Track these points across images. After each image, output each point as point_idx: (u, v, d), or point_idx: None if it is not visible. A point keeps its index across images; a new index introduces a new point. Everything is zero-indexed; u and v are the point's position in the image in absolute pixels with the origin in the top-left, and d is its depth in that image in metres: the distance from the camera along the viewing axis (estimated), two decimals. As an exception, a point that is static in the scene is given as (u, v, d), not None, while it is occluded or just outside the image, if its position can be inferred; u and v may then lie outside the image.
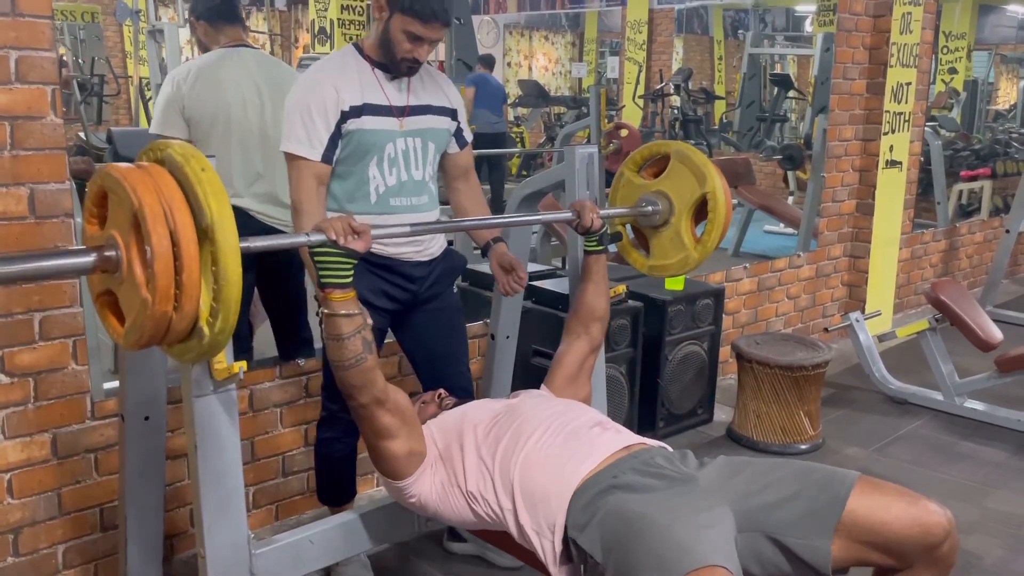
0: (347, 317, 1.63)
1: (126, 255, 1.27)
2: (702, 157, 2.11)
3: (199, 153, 1.32)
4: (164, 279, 1.23)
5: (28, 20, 1.94)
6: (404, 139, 2.09)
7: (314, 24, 7.03)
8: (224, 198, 1.29)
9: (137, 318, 1.27)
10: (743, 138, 9.20)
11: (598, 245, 2.12)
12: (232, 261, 1.27)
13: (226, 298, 1.27)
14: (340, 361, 1.65)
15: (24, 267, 1.28)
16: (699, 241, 2.13)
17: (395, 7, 1.97)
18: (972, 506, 2.85)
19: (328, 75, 2.02)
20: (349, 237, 1.61)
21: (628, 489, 1.60)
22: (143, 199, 1.23)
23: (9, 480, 2.11)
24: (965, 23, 10.22)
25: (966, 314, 3.51)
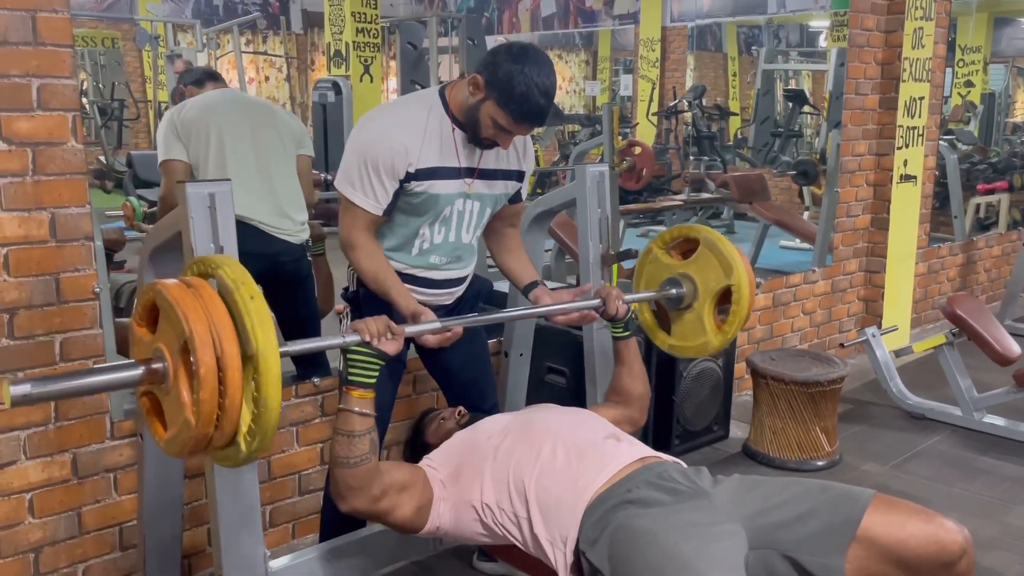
0: (361, 416, 1.65)
1: (173, 371, 1.32)
2: (731, 248, 2.09)
3: (249, 279, 1.36)
4: (208, 406, 1.28)
5: (50, 49, 1.99)
6: (463, 201, 2.04)
7: (330, 47, 7.13)
8: (270, 326, 1.33)
9: (179, 434, 1.32)
10: (758, 154, 9.20)
11: (624, 331, 2.11)
12: (273, 390, 1.31)
13: (265, 422, 1.32)
14: (346, 458, 1.65)
15: (77, 383, 1.34)
16: (720, 328, 2.12)
17: (492, 95, 1.86)
18: (991, 522, 2.82)
19: (404, 131, 1.93)
20: (383, 338, 1.64)
21: (640, 504, 1.60)
22: (194, 328, 1.27)
23: (30, 500, 2.14)
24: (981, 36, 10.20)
25: (984, 328, 3.49)
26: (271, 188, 2.75)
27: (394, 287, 1.96)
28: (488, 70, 1.86)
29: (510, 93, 1.83)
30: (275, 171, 2.78)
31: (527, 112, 1.86)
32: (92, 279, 2.12)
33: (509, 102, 1.84)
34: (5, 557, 2.13)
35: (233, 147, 2.71)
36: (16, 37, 1.94)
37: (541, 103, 1.85)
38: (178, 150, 2.71)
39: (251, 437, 1.33)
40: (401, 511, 1.74)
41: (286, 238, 2.77)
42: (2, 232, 1.98)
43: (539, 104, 1.85)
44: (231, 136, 2.71)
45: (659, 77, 10.07)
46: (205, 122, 2.71)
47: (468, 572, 2.53)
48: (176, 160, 2.71)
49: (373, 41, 6.92)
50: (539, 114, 1.87)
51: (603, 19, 10.50)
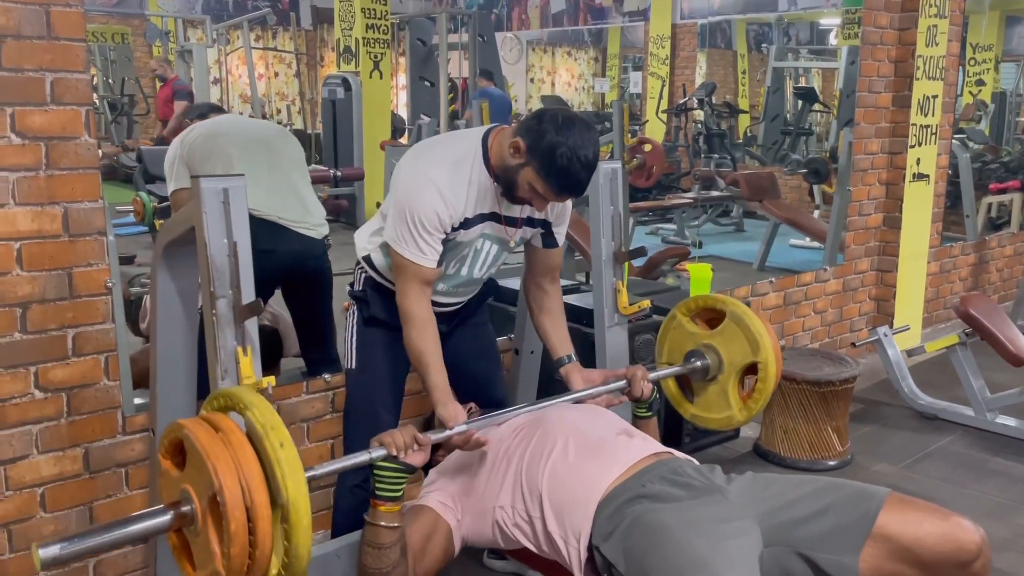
0: (389, 529, 1.66)
1: (201, 516, 1.31)
2: (758, 324, 2.05)
3: (279, 423, 1.34)
4: (238, 561, 1.28)
5: (63, 43, 1.99)
6: (483, 241, 2.02)
7: (339, 43, 7.12)
8: (300, 475, 1.31)
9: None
10: (767, 152, 9.16)
11: (648, 412, 2.11)
12: (304, 539, 1.31)
13: (295, 570, 1.32)
14: (376, 569, 1.66)
15: (108, 538, 1.33)
16: (745, 404, 2.10)
17: (533, 163, 1.82)
18: (1004, 524, 2.80)
19: (452, 192, 1.89)
20: (409, 451, 1.64)
21: (654, 499, 1.60)
22: (224, 481, 1.26)
23: (42, 494, 2.15)
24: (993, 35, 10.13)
25: (996, 328, 3.46)
26: (290, 184, 2.75)
27: (433, 376, 1.91)
28: (531, 137, 1.81)
29: (551, 165, 1.79)
30: (291, 171, 2.78)
31: (568, 186, 1.83)
32: (105, 274, 2.12)
33: (550, 174, 1.81)
34: (17, 551, 2.13)
35: (245, 155, 2.69)
36: (30, 31, 1.94)
37: (583, 177, 1.82)
38: (185, 179, 2.67)
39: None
40: (432, 564, 1.77)
41: (308, 233, 2.77)
42: (15, 226, 1.99)
43: (580, 178, 1.82)
44: (242, 147, 2.71)
45: (669, 74, 10.03)
46: (208, 144, 2.70)
47: (479, 569, 2.52)
48: (183, 190, 2.70)
49: (383, 37, 6.90)
50: (579, 187, 1.84)
51: (613, 16, 10.47)
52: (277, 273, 2.69)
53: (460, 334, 2.23)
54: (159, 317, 1.89)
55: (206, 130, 2.75)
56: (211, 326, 1.64)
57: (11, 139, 1.95)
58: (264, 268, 1.69)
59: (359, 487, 2.21)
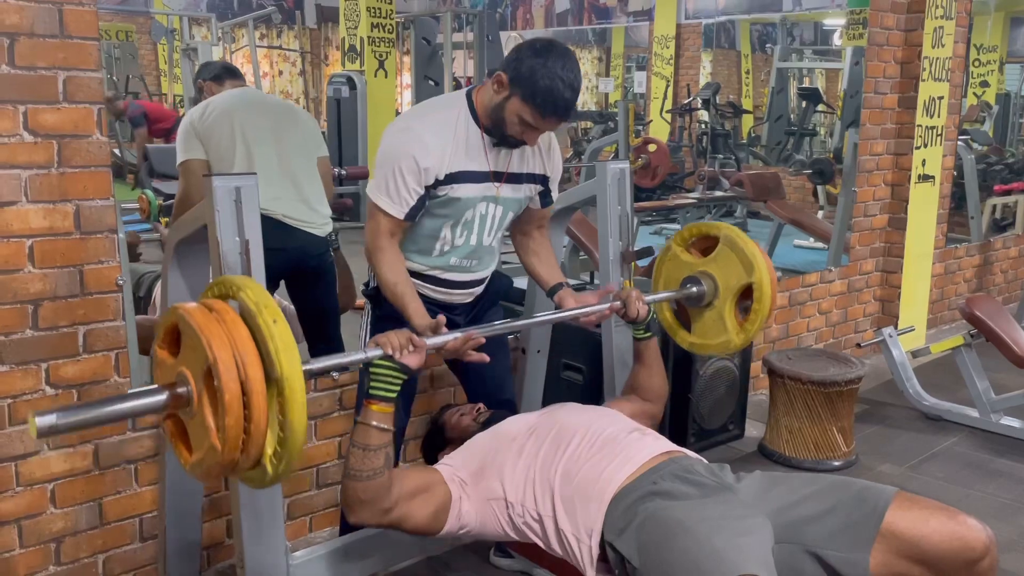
0: (379, 430, 1.65)
1: (197, 396, 1.32)
2: (751, 246, 2.08)
3: (271, 302, 1.35)
4: (234, 432, 1.28)
5: (76, 41, 2.00)
6: (487, 204, 2.03)
7: (344, 42, 7.13)
8: (294, 349, 1.32)
9: (205, 459, 1.33)
10: (771, 152, 9.17)
11: (646, 332, 2.11)
12: (299, 413, 1.31)
13: (291, 445, 1.32)
14: (359, 471, 1.65)
15: (103, 412, 1.33)
16: (742, 327, 2.11)
17: (516, 92, 1.85)
18: (1008, 524, 2.80)
19: (432, 137, 1.92)
20: (405, 351, 1.64)
21: (667, 496, 1.61)
22: (218, 355, 1.27)
23: (52, 490, 2.16)
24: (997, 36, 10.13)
25: (1001, 329, 3.47)
26: (295, 182, 2.77)
27: (411, 303, 1.94)
28: (511, 67, 1.86)
29: (535, 88, 1.83)
30: (298, 166, 2.79)
31: (553, 106, 1.85)
32: (116, 271, 2.13)
33: (534, 96, 1.84)
34: (27, 546, 2.14)
35: (255, 144, 2.72)
36: (43, 29, 1.95)
37: (567, 96, 1.84)
38: (197, 150, 2.71)
39: (277, 460, 1.34)
40: (414, 520, 1.73)
41: (310, 231, 2.79)
42: (27, 223, 2.00)
43: (564, 97, 1.84)
44: (253, 134, 2.72)
45: (673, 74, 10.04)
46: (227, 122, 2.71)
47: (485, 567, 2.53)
48: (195, 159, 2.72)
49: (388, 36, 6.91)
50: (565, 107, 1.86)
51: (617, 16, 10.48)
52: (281, 269, 2.71)
53: None
54: (170, 314, 1.90)
55: (222, 111, 2.74)
56: (223, 323, 1.65)
57: (24, 137, 1.96)
58: (268, 265, 1.71)
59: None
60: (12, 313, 2.01)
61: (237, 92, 2.88)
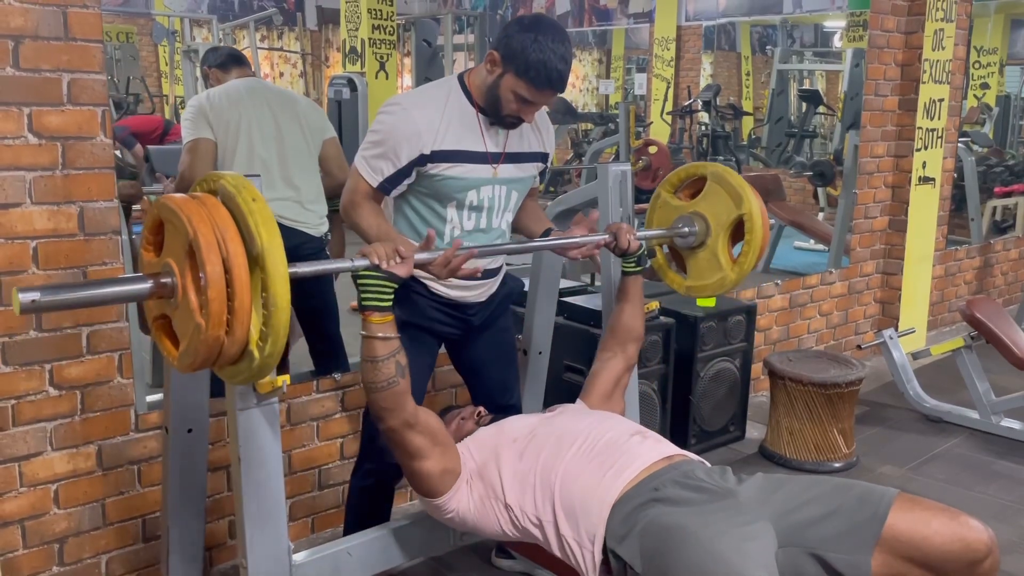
0: (383, 340, 1.68)
1: (181, 282, 1.33)
2: (738, 179, 2.11)
3: (250, 184, 1.38)
4: (217, 305, 1.29)
5: (80, 44, 2.01)
6: (492, 187, 2.03)
7: (345, 44, 7.14)
8: (273, 226, 1.35)
9: (191, 342, 1.33)
10: (772, 154, 9.17)
11: (636, 266, 2.12)
12: (281, 288, 1.33)
13: (275, 323, 1.33)
14: (373, 382, 1.69)
15: (85, 294, 1.35)
16: (736, 262, 2.13)
17: (510, 68, 1.86)
18: (1009, 526, 2.81)
19: (423, 113, 1.93)
20: (392, 261, 1.65)
21: (669, 502, 1.61)
22: (198, 228, 1.29)
23: (56, 490, 2.17)
24: (997, 38, 10.14)
25: (1002, 331, 3.48)
26: (293, 184, 2.78)
27: (397, 234, 1.96)
28: (503, 44, 1.88)
29: (527, 62, 1.84)
30: (297, 166, 2.80)
31: (546, 78, 1.86)
32: (119, 272, 2.14)
33: (528, 70, 1.85)
34: (31, 547, 2.15)
35: (259, 142, 2.73)
36: (47, 32, 1.96)
37: (560, 67, 1.85)
38: (207, 131, 2.70)
39: (263, 342, 1.34)
40: (428, 462, 1.78)
41: (306, 231, 2.80)
42: (32, 225, 2.00)
43: (558, 69, 1.85)
44: (258, 131, 2.73)
45: (674, 76, 10.04)
46: (234, 114, 2.72)
47: (487, 568, 2.54)
48: (204, 139, 2.70)
49: (389, 38, 6.91)
50: (559, 78, 1.87)
51: (618, 18, 10.48)
52: None
53: (484, 338, 2.22)
54: (174, 315, 1.91)
55: (231, 100, 2.75)
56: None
57: (28, 139, 1.97)
58: None
59: (370, 489, 2.24)
60: (16, 315, 2.01)
61: (244, 83, 2.85)
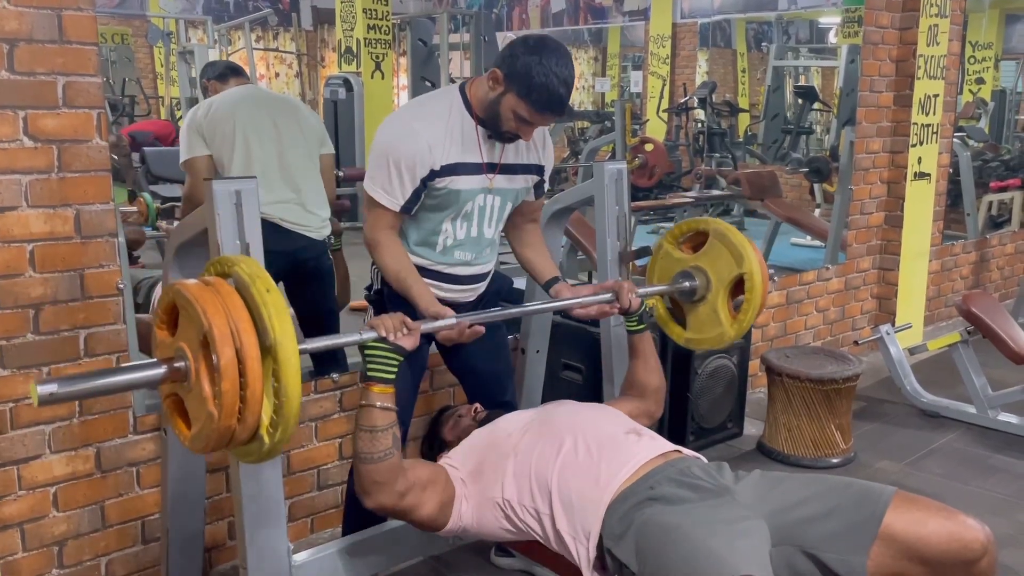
0: (383, 410, 1.67)
1: (194, 368, 1.34)
2: (740, 237, 2.10)
3: (264, 273, 1.38)
4: (230, 397, 1.30)
5: (75, 47, 2.01)
6: (484, 196, 2.05)
7: (340, 44, 7.13)
8: (286, 317, 1.35)
9: (203, 428, 1.34)
10: (768, 150, 9.17)
11: (639, 324, 2.12)
12: (293, 379, 1.33)
13: (286, 412, 1.34)
14: (369, 453, 1.67)
15: (102, 383, 1.37)
16: (735, 318, 2.13)
17: (511, 88, 1.87)
18: (1006, 520, 2.82)
19: (426, 128, 1.94)
20: (399, 334, 1.66)
21: (665, 501, 1.61)
22: (212, 321, 1.29)
23: (55, 493, 2.17)
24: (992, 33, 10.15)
25: (998, 326, 3.48)
26: (295, 186, 2.77)
27: (415, 287, 1.97)
28: (507, 63, 1.88)
29: (530, 84, 1.85)
30: (298, 168, 2.80)
31: (548, 102, 1.87)
32: (116, 275, 2.14)
33: (530, 93, 1.86)
34: (30, 550, 2.15)
35: (257, 145, 2.73)
36: (42, 35, 1.96)
37: (561, 92, 1.86)
38: (200, 147, 2.73)
39: (273, 429, 1.35)
40: (425, 508, 1.76)
41: (308, 234, 2.80)
42: (28, 228, 2.00)
43: (559, 93, 1.86)
44: (255, 135, 2.73)
45: (669, 74, 10.05)
46: (229, 121, 2.72)
47: (486, 567, 2.54)
48: (199, 157, 2.73)
49: (384, 38, 6.91)
50: (560, 103, 1.88)
51: (613, 15, 10.48)
52: (278, 272, 2.72)
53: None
54: (171, 318, 1.91)
55: (225, 110, 2.75)
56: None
57: (24, 142, 1.97)
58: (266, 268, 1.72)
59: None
60: (13, 317, 2.02)
61: (240, 90, 2.87)
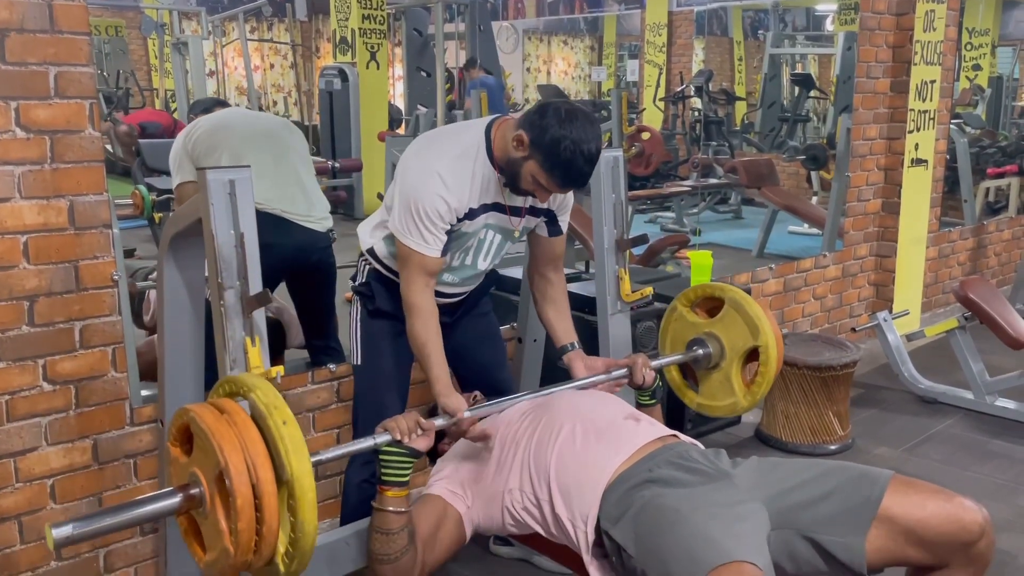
0: (397, 514, 1.67)
1: (210, 497, 1.34)
2: (757, 309, 2.08)
3: (281, 403, 1.36)
4: (246, 536, 1.30)
5: (67, 37, 1.99)
6: (486, 231, 2.04)
7: (335, 34, 7.10)
8: (304, 451, 1.33)
9: (218, 560, 1.34)
10: (765, 139, 9.16)
11: (651, 399, 2.11)
12: (310, 515, 1.32)
13: (303, 545, 1.33)
14: (385, 555, 1.67)
15: (119, 519, 1.36)
16: (749, 389, 2.12)
17: (535, 157, 1.84)
18: (1005, 505, 2.83)
19: (453, 180, 1.91)
20: (413, 435, 1.66)
21: (663, 483, 1.62)
22: (229, 459, 1.29)
23: (52, 485, 2.16)
24: (989, 19, 10.12)
25: (995, 312, 3.48)
26: (295, 179, 2.76)
27: (435, 367, 1.93)
28: (535, 131, 1.83)
29: (555, 159, 1.81)
30: (295, 162, 2.79)
31: (570, 179, 1.85)
32: (111, 266, 2.13)
33: (553, 168, 1.83)
34: (28, 542, 2.15)
35: (251, 149, 2.70)
36: (33, 25, 1.95)
37: (585, 170, 1.83)
38: (189, 173, 2.71)
39: (289, 560, 1.35)
40: (443, 556, 1.77)
41: (311, 226, 2.78)
42: (21, 220, 1.99)
43: (583, 172, 1.83)
44: (247, 141, 2.73)
45: (666, 62, 10.02)
46: (218, 135, 2.72)
47: (485, 556, 2.55)
48: (187, 183, 2.71)
49: (379, 28, 6.89)
50: (582, 180, 1.86)
51: (609, 4, 10.45)
52: (282, 266, 2.71)
53: (464, 323, 2.24)
54: (166, 308, 1.90)
55: (211, 125, 2.75)
56: (219, 317, 1.65)
57: (16, 133, 1.96)
58: (269, 261, 1.70)
59: (367, 482, 2.23)
60: (8, 310, 2.01)
61: (225, 111, 2.93)
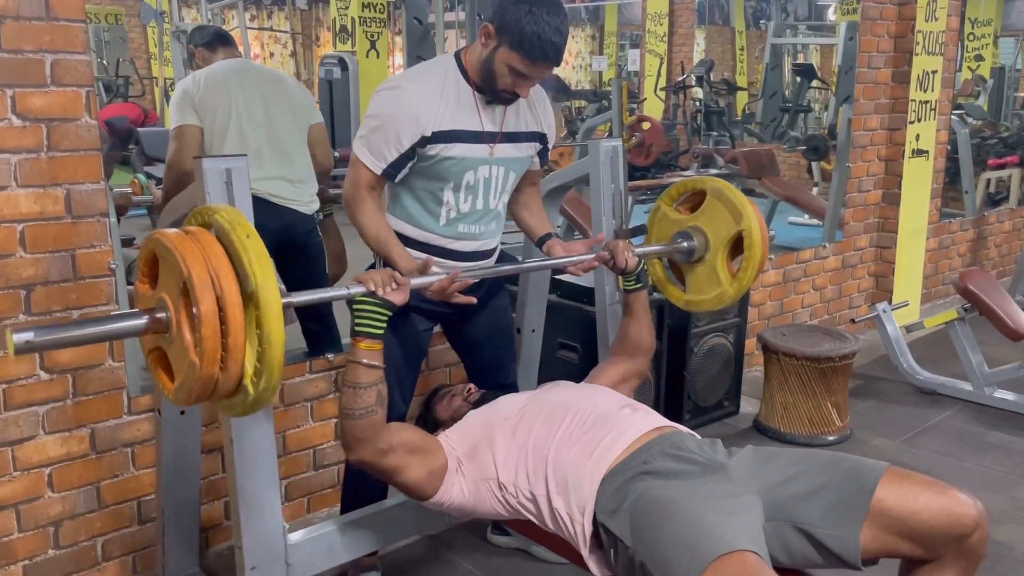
0: (368, 367, 1.66)
1: (175, 318, 1.32)
2: (738, 195, 2.09)
3: (244, 219, 1.36)
4: (211, 343, 1.28)
5: (63, 24, 1.98)
6: (488, 167, 2.01)
7: (335, 22, 7.07)
8: (268, 263, 1.33)
9: (186, 379, 1.33)
10: (766, 129, 9.13)
11: (636, 283, 2.11)
12: (275, 325, 1.32)
13: (270, 360, 1.32)
14: (352, 409, 1.66)
15: (80, 333, 1.36)
16: (735, 277, 2.12)
17: (504, 41, 1.84)
18: (1002, 496, 2.83)
19: (420, 94, 1.91)
20: (388, 288, 1.64)
21: (658, 475, 1.61)
22: (192, 268, 1.28)
23: (49, 474, 2.17)
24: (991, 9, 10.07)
25: (995, 303, 3.48)
26: (285, 162, 2.76)
27: (394, 248, 1.96)
28: (497, 16, 1.85)
29: (522, 34, 1.82)
30: (287, 143, 2.78)
31: (542, 50, 1.83)
32: (108, 255, 2.13)
33: (522, 43, 1.82)
34: (26, 531, 2.15)
35: (248, 122, 2.70)
36: (29, 12, 1.94)
37: (555, 40, 1.83)
38: (192, 117, 2.69)
39: (257, 378, 1.34)
40: (410, 473, 1.75)
41: (298, 208, 2.79)
42: (18, 208, 1.99)
43: (553, 41, 1.83)
44: (244, 114, 2.71)
45: (667, 52, 9.99)
46: (219, 99, 2.69)
47: (483, 545, 2.55)
48: (191, 125, 2.68)
49: (379, 16, 6.85)
50: (554, 51, 1.84)
51: (610, -7, 10.40)
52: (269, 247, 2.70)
53: (479, 318, 2.21)
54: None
55: (219, 83, 2.72)
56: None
57: (12, 121, 1.95)
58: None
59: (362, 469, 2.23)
60: (5, 298, 2.01)
61: (231, 64, 2.83)
